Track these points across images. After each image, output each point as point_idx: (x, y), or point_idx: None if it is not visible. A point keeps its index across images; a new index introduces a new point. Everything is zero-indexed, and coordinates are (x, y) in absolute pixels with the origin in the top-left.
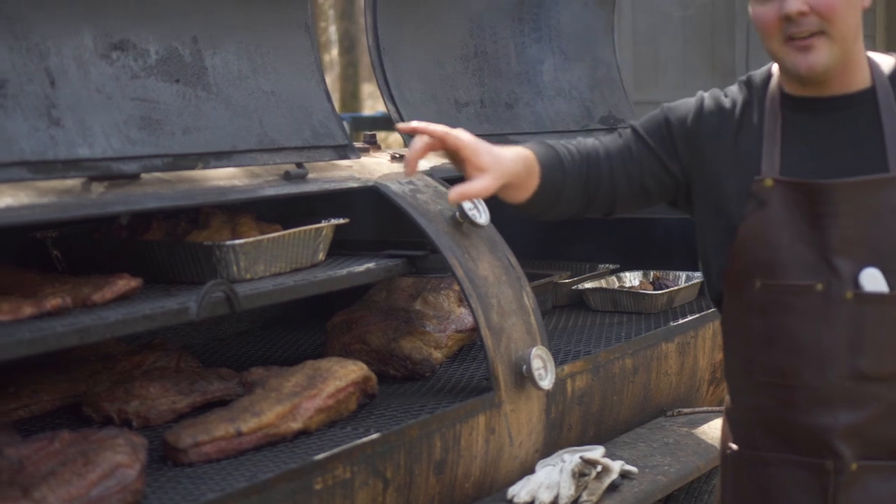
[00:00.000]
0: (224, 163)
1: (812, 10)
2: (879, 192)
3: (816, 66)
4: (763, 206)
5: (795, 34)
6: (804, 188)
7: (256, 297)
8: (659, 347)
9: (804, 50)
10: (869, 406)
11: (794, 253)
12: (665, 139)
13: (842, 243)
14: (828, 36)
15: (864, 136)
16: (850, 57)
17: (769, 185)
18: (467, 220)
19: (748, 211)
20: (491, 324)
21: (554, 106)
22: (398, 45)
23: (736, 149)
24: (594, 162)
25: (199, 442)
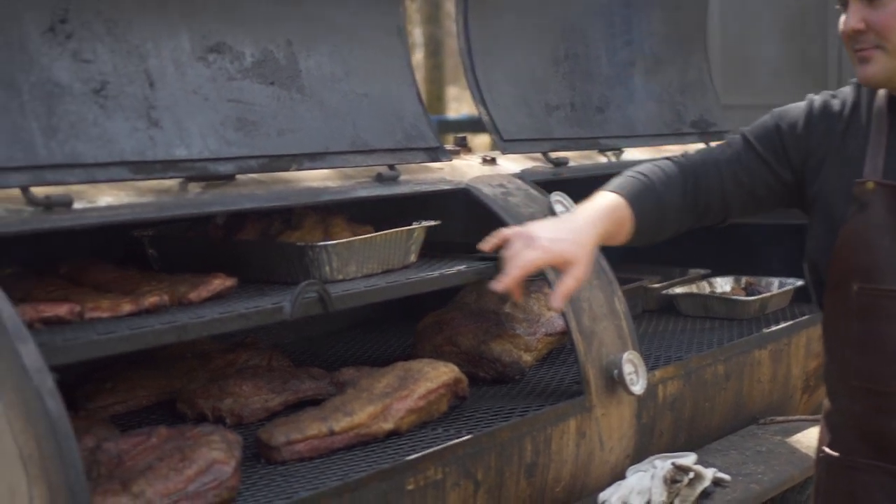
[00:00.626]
0: (317, 164)
1: (868, 27)
2: None
3: (871, 78)
4: (864, 210)
5: (857, 48)
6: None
7: (349, 297)
8: (752, 354)
9: (862, 61)
10: None
11: (893, 257)
12: (776, 146)
13: None
14: (884, 50)
15: None
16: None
17: (870, 188)
18: None
19: (850, 214)
20: (582, 328)
21: (645, 109)
22: (489, 48)
23: (843, 151)
24: (702, 174)
25: (292, 440)
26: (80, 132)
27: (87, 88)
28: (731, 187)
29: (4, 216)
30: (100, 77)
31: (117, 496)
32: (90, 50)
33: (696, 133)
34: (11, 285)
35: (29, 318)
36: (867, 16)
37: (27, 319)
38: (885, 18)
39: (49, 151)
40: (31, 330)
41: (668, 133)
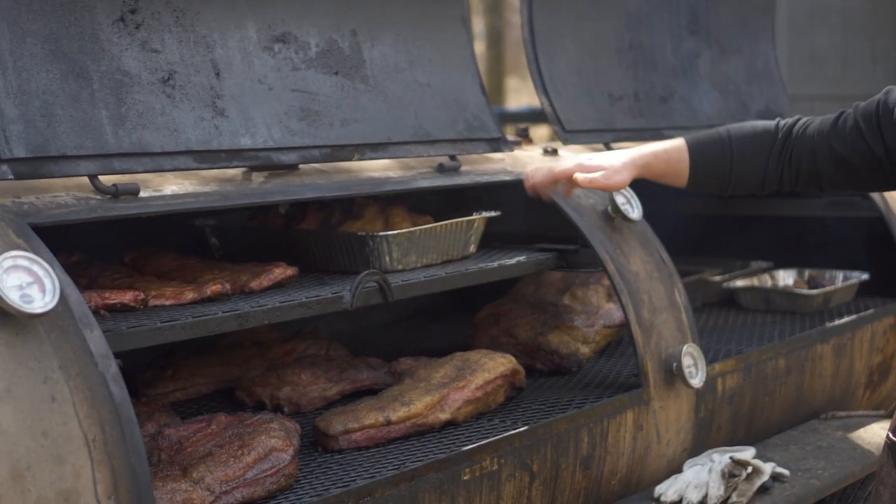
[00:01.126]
0: (379, 154)
1: None
2: None
3: None
4: None
5: None
6: None
7: (409, 287)
8: (814, 348)
9: None
10: None
11: None
12: (872, 118)
13: None
14: None
15: None
16: None
17: None
18: (620, 214)
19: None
20: (641, 320)
21: (710, 99)
22: (553, 38)
23: None
24: (798, 137)
25: (349, 429)
26: (147, 121)
27: (154, 78)
28: (825, 152)
29: (73, 204)
30: (167, 67)
31: (177, 481)
32: (158, 40)
33: None
34: (78, 272)
35: (94, 304)
36: None
37: (93, 306)
38: None
39: (117, 140)
40: (96, 316)
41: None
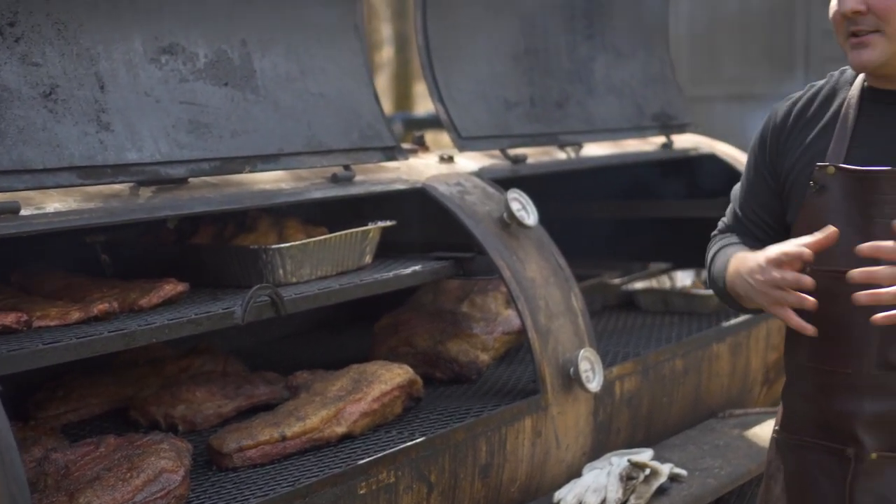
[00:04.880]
0: (271, 166)
1: (869, 9)
2: None
3: (868, 63)
4: (823, 193)
5: (854, 31)
6: (858, 176)
7: (302, 300)
8: (710, 348)
9: (858, 46)
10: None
11: (844, 240)
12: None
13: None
14: (884, 34)
15: None
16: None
17: (831, 173)
18: (515, 221)
19: (808, 196)
20: (538, 326)
21: (606, 104)
22: (448, 45)
23: (811, 138)
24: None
25: (243, 446)
26: (28, 137)
27: (35, 92)
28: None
29: None
30: (49, 81)
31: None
32: (39, 53)
33: (657, 127)
34: None
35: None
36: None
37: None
38: (885, 1)
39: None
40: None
41: (628, 127)
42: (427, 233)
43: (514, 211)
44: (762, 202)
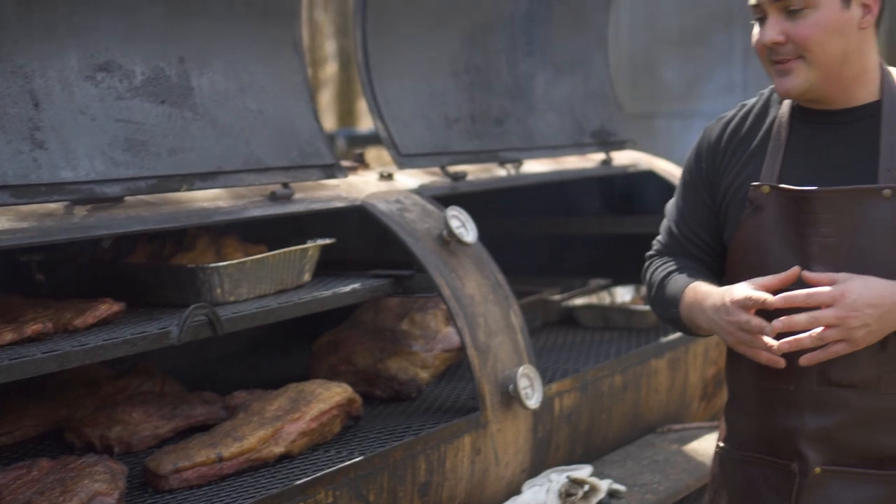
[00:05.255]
0: (209, 184)
1: (789, 39)
2: (862, 203)
3: (792, 90)
4: (758, 212)
5: (776, 59)
6: (793, 195)
7: (239, 319)
8: (649, 364)
9: (783, 73)
10: (837, 412)
11: (781, 259)
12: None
13: (821, 251)
14: (806, 61)
15: (862, 149)
16: (841, 76)
17: (766, 192)
18: (454, 238)
19: (745, 216)
20: (477, 343)
21: (545, 120)
22: (387, 62)
23: (745, 158)
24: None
25: (179, 468)
26: None
27: None
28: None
29: None
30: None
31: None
32: None
33: (596, 143)
34: None
35: None
36: (787, 28)
37: None
38: (806, 30)
39: None
40: None
41: (568, 144)
42: (367, 250)
43: (454, 228)
44: (700, 221)
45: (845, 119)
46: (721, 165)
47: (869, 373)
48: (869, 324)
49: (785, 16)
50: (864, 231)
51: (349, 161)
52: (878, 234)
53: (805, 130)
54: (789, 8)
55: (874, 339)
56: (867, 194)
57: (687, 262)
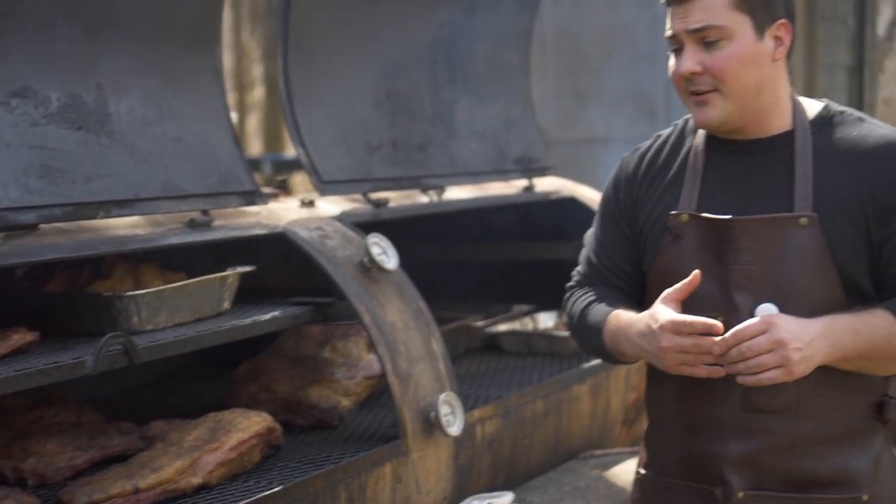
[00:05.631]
0: (126, 211)
1: (705, 70)
2: (781, 231)
3: (710, 121)
4: (678, 241)
5: (693, 90)
6: (713, 224)
7: (156, 348)
8: (571, 390)
9: (699, 105)
10: (760, 438)
11: (702, 286)
12: (615, 216)
13: (743, 279)
14: (721, 93)
15: (778, 177)
16: (757, 107)
17: (684, 220)
18: (376, 265)
19: (664, 245)
20: (398, 370)
21: (468, 147)
22: (309, 89)
23: (663, 188)
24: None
25: (94, 500)
26: None
27: None
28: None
29: None
30: None
31: None
32: None
33: (518, 170)
34: None
35: None
36: (704, 59)
37: None
38: (722, 62)
39: None
40: None
41: (490, 170)
42: (288, 278)
43: (375, 255)
44: (619, 251)
45: (760, 148)
46: (639, 196)
47: (790, 399)
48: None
49: (701, 47)
50: (783, 258)
51: (271, 188)
52: (797, 261)
53: (721, 160)
54: (705, 40)
55: (808, 366)
56: (785, 222)
57: (607, 291)
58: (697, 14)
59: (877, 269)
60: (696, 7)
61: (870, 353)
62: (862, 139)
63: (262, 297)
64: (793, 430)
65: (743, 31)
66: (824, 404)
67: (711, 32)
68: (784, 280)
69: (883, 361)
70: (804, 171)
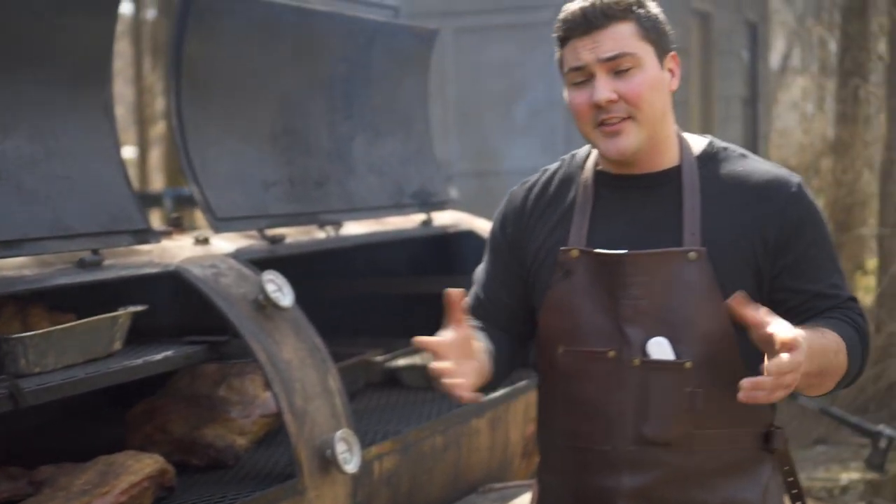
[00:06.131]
0: (14, 252)
1: (620, 97)
2: (671, 265)
3: (626, 150)
4: (568, 276)
5: (606, 120)
6: (604, 259)
7: (44, 392)
8: (470, 423)
9: (613, 135)
10: (653, 470)
11: (594, 321)
12: (501, 250)
13: (634, 313)
14: (635, 120)
15: (667, 212)
16: (657, 137)
17: (575, 256)
18: (271, 302)
19: (555, 280)
20: (294, 408)
21: (366, 182)
22: (203, 126)
23: (552, 223)
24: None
25: None
26: None
27: None
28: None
29: None
30: None
31: None
32: None
33: (416, 204)
34: None
35: None
36: (618, 87)
37: None
38: (637, 87)
39: None
40: None
41: (389, 205)
42: (182, 317)
43: (270, 292)
44: (507, 287)
45: (649, 183)
46: (527, 230)
47: (683, 431)
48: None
49: (613, 76)
50: (674, 293)
51: (164, 225)
52: (687, 295)
53: (610, 194)
54: (618, 68)
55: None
56: (674, 257)
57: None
58: (608, 43)
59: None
60: (605, 37)
61: (824, 369)
62: (747, 175)
63: (155, 336)
64: (684, 462)
65: (650, 59)
66: (715, 436)
67: (625, 60)
68: (675, 314)
69: (828, 378)
70: (692, 205)
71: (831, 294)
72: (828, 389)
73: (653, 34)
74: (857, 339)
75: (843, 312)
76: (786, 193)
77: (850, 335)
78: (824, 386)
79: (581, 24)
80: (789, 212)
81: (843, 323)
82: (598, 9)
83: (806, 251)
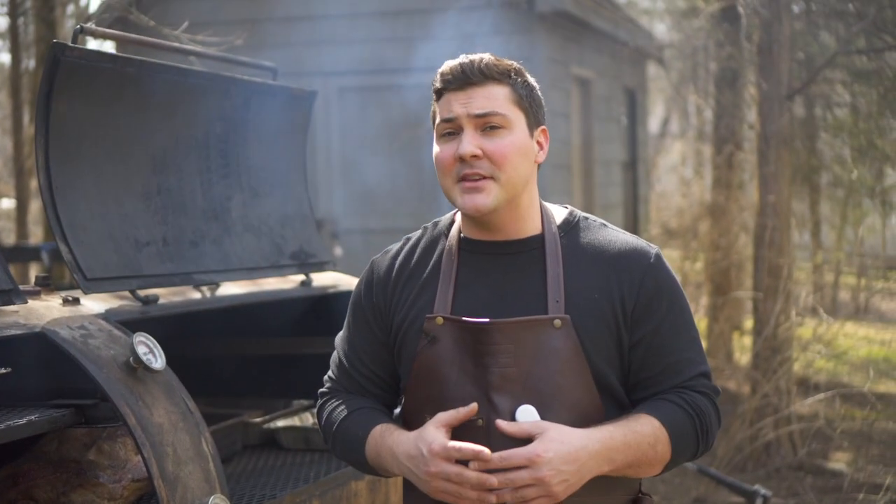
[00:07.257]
0: None
1: (485, 154)
2: (536, 333)
3: (483, 207)
4: (434, 343)
5: (468, 175)
6: (469, 327)
7: None
8: (349, 486)
9: (472, 191)
10: None
11: (461, 389)
12: (367, 319)
13: (501, 381)
14: (497, 181)
15: (531, 279)
16: (519, 203)
17: (440, 323)
18: (142, 365)
19: (421, 347)
20: (165, 473)
21: (242, 242)
22: (73, 184)
23: (416, 290)
24: (358, 382)
25: None
26: None
27: None
28: (379, 371)
29: None
30: None
31: None
32: None
33: (295, 265)
34: None
35: None
36: (484, 144)
37: None
38: (503, 148)
39: None
40: None
41: (266, 266)
42: (49, 379)
43: (141, 355)
44: (372, 355)
45: (513, 250)
46: (392, 298)
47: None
48: (567, 479)
49: (481, 133)
50: (540, 360)
51: (31, 285)
52: (553, 362)
53: (475, 261)
54: (488, 125)
55: (573, 489)
56: (540, 325)
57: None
58: (481, 101)
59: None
60: (479, 94)
61: (637, 461)
62: (608, 244)
63: (20, 399)
64: None
65: (520, 124)
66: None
67: (495, 119)
68: (542, 381)
69: (646, 467)
70: (555, 273)
71: (681, 370)
72: (653, 474)
73: (526, 102)
74: (689, 425)
75: (682, 394)
76: (644, 264)
77: (681, 421)
78: (643, 473)
79: (458, 78)
80: (646, 282)
81: (676, 407)
82: (476, 67)
83: (661, 323)
